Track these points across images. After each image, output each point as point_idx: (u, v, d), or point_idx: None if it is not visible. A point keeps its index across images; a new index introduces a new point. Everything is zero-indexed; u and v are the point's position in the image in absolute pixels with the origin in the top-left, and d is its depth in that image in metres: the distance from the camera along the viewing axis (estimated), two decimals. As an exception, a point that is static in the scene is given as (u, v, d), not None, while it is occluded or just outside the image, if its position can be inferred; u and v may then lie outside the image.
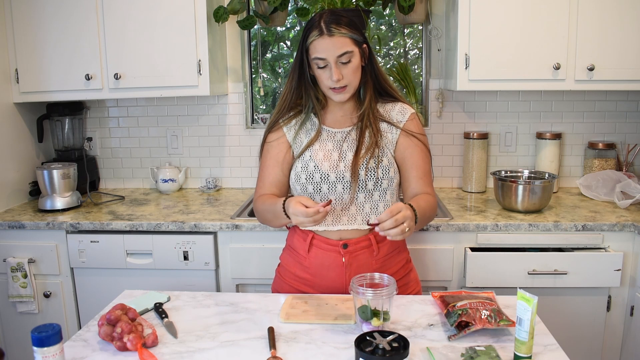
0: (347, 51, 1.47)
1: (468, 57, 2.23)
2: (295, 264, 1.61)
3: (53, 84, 2.40)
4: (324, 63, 1.48)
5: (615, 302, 2.06)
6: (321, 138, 1.58)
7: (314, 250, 1.56)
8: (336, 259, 1.53)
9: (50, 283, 2.23)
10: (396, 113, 1.59)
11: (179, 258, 2.14)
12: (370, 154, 1.52)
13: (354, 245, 1.53)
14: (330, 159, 1.54)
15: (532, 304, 1.11)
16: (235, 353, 1.21)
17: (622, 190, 2.26)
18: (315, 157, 1.55)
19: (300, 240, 1.59)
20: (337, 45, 1.46)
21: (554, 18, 2.17)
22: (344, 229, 1.53)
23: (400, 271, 1.61)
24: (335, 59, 1.47)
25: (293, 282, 1.61)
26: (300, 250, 1.59)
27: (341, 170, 1.53)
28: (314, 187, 1.54)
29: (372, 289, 1.25)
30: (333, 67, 1.47)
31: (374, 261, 1.55)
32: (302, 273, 1.59)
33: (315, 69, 1.51)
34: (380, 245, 1.55)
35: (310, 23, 1.50)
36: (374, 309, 1.25)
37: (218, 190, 2.73)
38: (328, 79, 1.49)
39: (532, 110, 2.61)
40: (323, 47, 1.46)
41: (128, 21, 2.31)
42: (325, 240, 1.55)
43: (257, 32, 2.81)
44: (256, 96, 2.86)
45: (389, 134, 1.57)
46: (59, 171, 2.35)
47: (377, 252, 1.55)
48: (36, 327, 1.03)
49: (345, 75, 1.49)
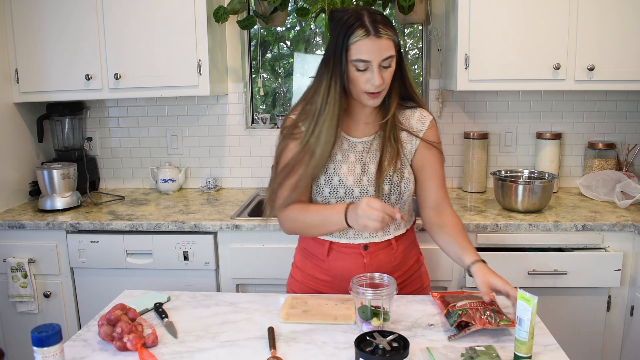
0: (391, 55, 1.38)
1: (468, 57, 2.23)
2: (313, 267, 1.59)
3: (53, 84, 2.40)
4: (366, 66, 1.37)
5: (615, 302, 2.06)
6: (342, 148, 1.51)
7: (334, 253, 1.54)
8: (357, 261, 1.52)
9: (50, 283, 2.23)
10: (416, 121, 1.53)
11: (179, 258, 2.14)
12: (393, 167, 1.47)
13: (375, 246, 1.52)
14: (354, 173, 1.49)
15: (532, 304, 1.11)
16: (235, 353, 1.21)
17: (622, 190, 2.26)
18: (339, 170, 1.49)
19: (317, 245, 1.56)
20: (383, 48, 1.36)
21: (554, 18, 2.17)
22: (366, 242, 1.52)
23: (415, 265, 1.62)
24: (380, 62, 1.37)
25: (312, 284, 1.59)
26: (319, 255, 1.56)
27: (365, 185, 1.48)
28: (337, 201, 1.50)
29: (372, 289, 1.25)
30: (376, 71, 1.36)
31: (393, 258, 1.54)
32: (322, 275, 1.56)
33: (353, 71, 1.38)
34: (399, 243, 1.55)
35: (351, 21, 1.36)
36: (374, 309, 1.25)
37: (218, 190, 2.73)
38: (367, 82, 1.38)
39: (532, 110, 2.61)
40: (369, 49, 1.35)
41: (128, 21, 2.31)
42: (345, 245, 1.53)
43: (257, 32, 2.81)
44: (256, 96, 2.86)
45: (408, 144, 1.52)
46: (59, 171, 2.35)
47: (396, 249, 1.54)
48: (36, 327, 1.03)
49: (385, 80, 1.39)
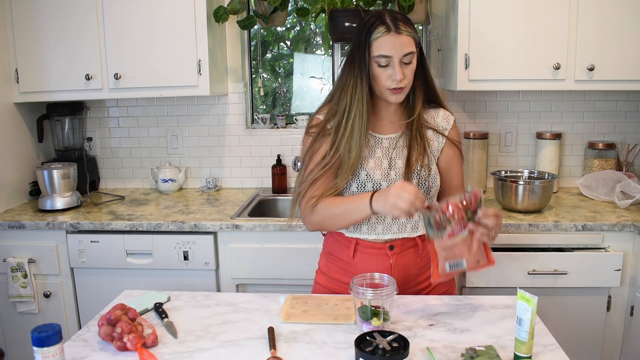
0: (411, 51, 1.42)
1: (468, 57, 2.23)
2: (338, 271, 1.59)
3: (53, 84, 2.40)
4: (387, 61, 1.41)
5: (615, 302, 2.06)
6: (369, 145, 1.52)
7: (359, 255, 1.54)
8: (383, 261, 1.52)
9: (50, 283, 2.23)
10: (441, 120, 1.57)
11: (179, 258, 2.14)
12: (420, 162, 1.49)
13: (401, 247, 1.52)
14: (381, 167, 1.50)
15: (532, 304, 1.11)
16: (235, 353, 1.21)
17: (622, 190, 2.26)
18: (366, 165, 1.50)
19: (342, 247, 1.56)
20: (404, 43, 1.41)
21: (554, 18, 2.17)
22: (394, 237, 1.52)
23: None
24: (401, 57, 1.41)
25: (337, 288, 1.58)
26: (344, 257, 1.56)
27: (392, 179, 1.49)
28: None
29: (372, 289, 1.25)
30: (397, 66, 1.41)
31: (420, 259, 1.54)
32: (347, 279, 1.54)
33: (375, 68, 1.43)
34: (425, 244, 1.53)
35: (372, 20, 1.42)
36: (374, 309, 1.25)
37: (218, 190, 2.73)
38: (388, 78, 1.42)
39: (532, 110, 2.61)
40: (390, 44, 1.40)
41: (128, 21, 2.31)
42: (371, 245, 1.53)
43: (257, 32, 2.81)
44: (256, 96, 2.86)
45: (434, 142, 1.55)
46: (59, 171, 2.35)
47: (422, 250, 1.54)
48: (36, 327, 1.03)
49: (406, 76, 1.43)
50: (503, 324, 1.30)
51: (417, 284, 1.57)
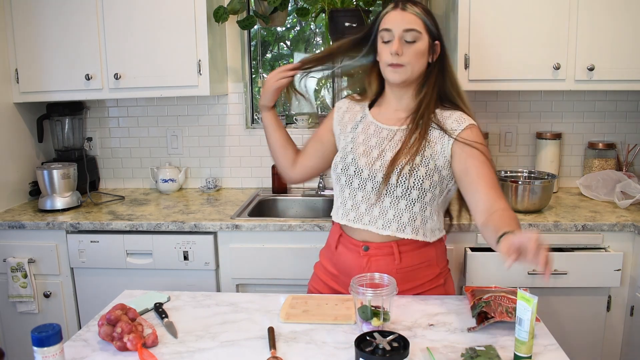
0: (414, 28, 1.43)
1: (468, 57, 2.23)
2: (328, 259, 1.63)
3: (53, 83, 2.40)
4: (389, 36, 1.44)
5: (615, 302, 2.06)
6: (368, 132, 1.54)
7: (340, 247, 1.57)
8: (358, 260, 1.52)
9: (50, 283, 2.23)
10: (452, 121, 1.48)
11: (179, 258, 2.14)
12: (408, 159, 1.44)
13: (375, 250, 1.50)
14: (369, 156, 1.50)
15: (532, 304, 1.11)
16: (235, 353, 1.21)
17: (622, 190, 2.26)
18: (355, 150, 1.53)
19: (333, 236, 1.61)
20: (405, 19, 1.43)
21: (554, 18, 2.17)
22: (364, 228, 1.50)
23: (426, 284, 1.53)
24: (401, 32, 1.43)
25: (325, 277, 1.62)
26: (332, 245, 1.60)
27: (375, 170, 1.48)
28: (346, 179, 1.52)
29: (372, 289, 1.25)
30: (396, 40, 1.43)
31: (395, 270, 1.47)
32: (332, 269, 1.60)
33: (380, 44, 1.47)
34: (403, 255, 1.49)
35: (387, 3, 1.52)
36: (374, 309, 1.25)
37: (218, 190, 2.73)
38: (388, 53, 1.44)
39: (532, 110, 2.61)
40: (392, 18, 1.45)
41: (128, 21, 2.31)
42: (350, 240, 1.54)
43: (257, 32, 2.81)
44: (256, 96, 2.86)
45: (438, 144, 1.46)
46: (59, 171, 2.35)
47: (399, 262, 1.49)
48: (36, 327, 1.03)
49: (405, 54, 1.43)
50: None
51: None
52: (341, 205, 1.55)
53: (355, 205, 1.51)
